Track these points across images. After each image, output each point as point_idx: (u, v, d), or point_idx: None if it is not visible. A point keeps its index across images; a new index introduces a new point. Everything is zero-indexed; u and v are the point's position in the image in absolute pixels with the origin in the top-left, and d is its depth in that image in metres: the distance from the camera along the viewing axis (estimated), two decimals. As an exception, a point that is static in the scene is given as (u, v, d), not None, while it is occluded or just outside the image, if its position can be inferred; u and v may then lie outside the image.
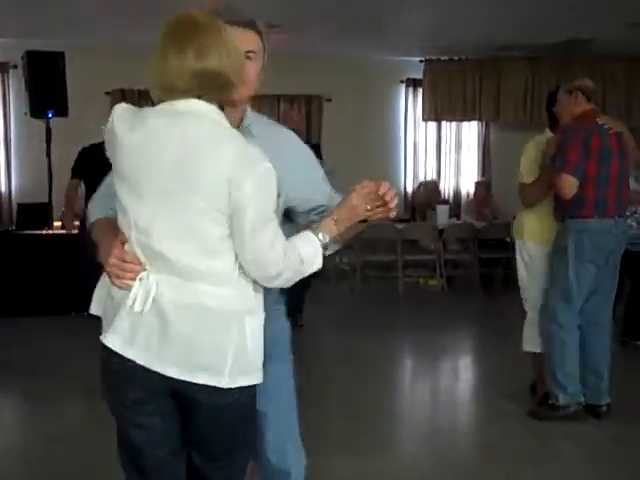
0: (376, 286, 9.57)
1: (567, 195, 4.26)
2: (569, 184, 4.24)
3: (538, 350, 4.65)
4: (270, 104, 10.44)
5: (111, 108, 2.03)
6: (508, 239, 9.39)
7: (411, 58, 10.74)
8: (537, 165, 4.53)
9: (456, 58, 10.77)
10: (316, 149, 7.07)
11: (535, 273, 4.62)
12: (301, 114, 7.99)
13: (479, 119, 11.04)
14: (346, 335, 6.90)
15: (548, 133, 4.66)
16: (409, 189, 11.12)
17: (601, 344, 4.53)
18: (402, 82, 11.06)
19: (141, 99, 9.92)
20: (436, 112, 10.84)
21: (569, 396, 4.45)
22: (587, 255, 4.35)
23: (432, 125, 11.12)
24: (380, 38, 9.55)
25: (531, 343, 4.68)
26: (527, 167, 4.56)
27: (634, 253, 5.82)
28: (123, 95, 9.80)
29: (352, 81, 10.65)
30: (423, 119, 10.96)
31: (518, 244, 4.72)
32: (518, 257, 4.72)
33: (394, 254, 9.26)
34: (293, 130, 2.47)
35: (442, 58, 10.76)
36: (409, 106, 11.10)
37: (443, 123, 11.14)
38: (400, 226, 9.43)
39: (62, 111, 8.09)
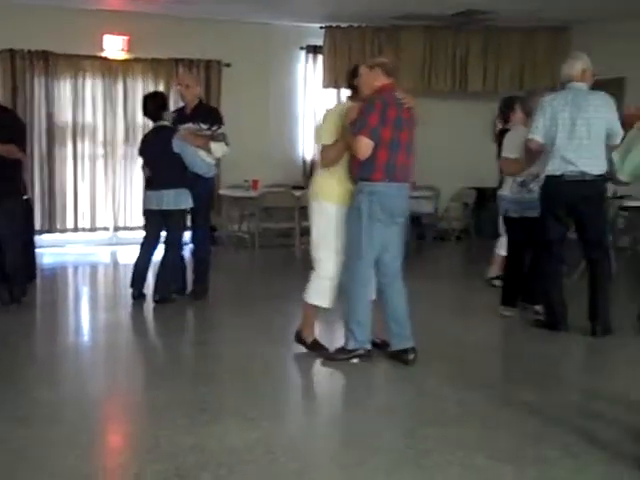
0: (274, 253, 9.60)
1: (363, 156, 4.69)
2: (365, 145, 4.66)
3: (318, 303, 5.05)
4: (168, 68, 10.27)
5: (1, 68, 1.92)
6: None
7: (311, 24, 10.70)
8: (336, 130, 4.89)
9: (356, 25, 10.80)
10: (209, 112, 6.93)
11: (331, 233, 4.95)
12: (192, 77, 7.76)
13: (378, 87, 11.10)
14: (244, 302, 6.90)
15: (348, 102, 5.07)
16: (307, 156, 11.14)
17: (398, 294, 4.97)
18: (302, 48, 11.03)
19: (33, 59, 9.60)
20: (336, 79, 10.84)
21: (358, 342, 4.92)
22: (377, 215, 4.76)
23: (332, 92, 11.14)
24: (280, 3, 9.48)
25: (314, 297, 5.06)
26: (328, 131, 4.92)
27: (535, 218, 5.98)
28: (12, 55, 9.43)
29: (252, 47, 10.56)
30: (323, 86, 10.96)
31: (315, 206, 5.01)
32: (315, 218, 5.00)
33: (292, 221, 9.29)
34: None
35: (342, 25, 10.76)
36: (309, 73, 11.09)
37: (343, 90, 11.16)
38: (298, 193, 9.47)
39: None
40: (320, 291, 5.04)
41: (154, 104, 6.63)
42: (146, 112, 6.69)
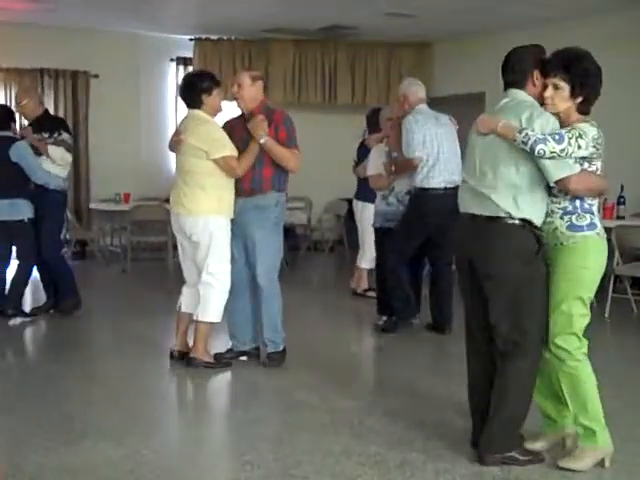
0: (147, 266, 9.49)
1: (297, 169, 5.07)
2: (299, 160, 5.07)
3: (219, 319, 5.11)
4: (33, 78, 10.00)
5: None
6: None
7: (181, 36, 10.67)
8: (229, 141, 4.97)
9: (226, 38, 10.83)
10: (52, 122, 6.80)
11: (226, 246, 5.05)
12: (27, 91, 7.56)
13: (249, 99, 11.17)
14: (115, 317, 6.81)
15: (199, 114, 5.07)
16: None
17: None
18: (172, 60, 10.96)
19: None
20: (207, 91, 10.84)
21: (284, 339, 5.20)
22: (284, 220, 5.20)
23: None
24: (149, 15, 9.41)
25: (218, 314, 5.08)
26: (228, 143, 4.95)
27: (390, 229, 6.24)
28: None
29: (121, 58, 10.43)
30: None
31: (211, 221, 4.98)
32: (214, 233, 4.98)
33: (164, 235, 9.20)
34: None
35: (212, 37, 10.77)
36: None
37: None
38: (170, 206, 9.38)
39: None
40: (222, 306, 5.08)
41: None
42: None
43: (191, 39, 10.75)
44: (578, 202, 3.46)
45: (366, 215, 7.31)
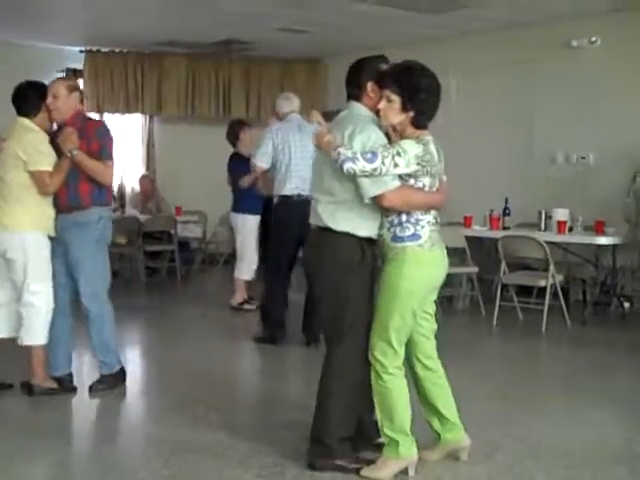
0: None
1: (111, 182, 4.94)
2: (113, 172, 4.83)
3: (45, 341, 4.75)
4: None
5: None
6: (172, 231, 9.60)
7: (71, 47, 10.46)
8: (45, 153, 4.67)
9: (117, 50, 10.70)
10: None
11: (46, 263, 4.71)
12: None
13: (142, 112, 11.08)
14: None
15: (25, 122, 4.80)
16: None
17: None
18: (62, 72, 10.70)
19: None
20: (98, 104, 10.69)
21: (119, 363, 5.00)
22: (109, 239, 4.90)
23: (94, 117, 10.91)
24: (38, 25, 9.19)
25: (42, 335, 4.74)
26: (48, 156, 4.66)
27: None
28: None
29: (6, 68, 10.08)
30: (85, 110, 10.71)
31: (28, 238, 4.65)
32: (34, 251, 4.66)
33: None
34: None
35: (103, 49, 10.62)
36: (69, 97, 10.80)
37: (105, 115, 10.97)
38: None
39: None
40: (46, 326, 4.74)
41: None
42: None
43: (81, 51, 10.56)
44: (404, 217, 3.47)
45: (248, 226, 7.41)
